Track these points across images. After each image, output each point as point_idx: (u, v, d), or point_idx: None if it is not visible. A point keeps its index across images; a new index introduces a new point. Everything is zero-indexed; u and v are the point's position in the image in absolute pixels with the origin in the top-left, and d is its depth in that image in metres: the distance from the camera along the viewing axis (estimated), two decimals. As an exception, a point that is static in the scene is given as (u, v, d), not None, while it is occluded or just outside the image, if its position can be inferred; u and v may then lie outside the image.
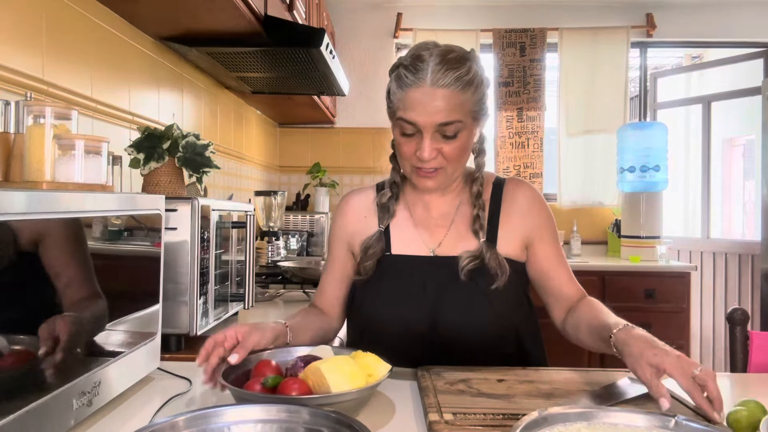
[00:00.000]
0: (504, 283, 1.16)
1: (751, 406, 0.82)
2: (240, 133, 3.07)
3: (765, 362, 1.33)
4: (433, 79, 1.09)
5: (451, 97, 1.09)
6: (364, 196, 1.32)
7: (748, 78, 3.91)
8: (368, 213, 1.28)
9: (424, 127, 1.10)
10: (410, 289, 1.19)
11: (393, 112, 1.17)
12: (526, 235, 1.24)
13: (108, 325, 0.93)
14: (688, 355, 3.39)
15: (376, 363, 0.96)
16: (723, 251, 3.88)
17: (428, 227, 1.24)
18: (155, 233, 1.10)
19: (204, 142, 1.50)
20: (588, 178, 3.92)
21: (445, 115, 1.09)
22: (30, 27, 1.33)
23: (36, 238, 0.74)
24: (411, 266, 1.21)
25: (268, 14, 1.89)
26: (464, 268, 1.16)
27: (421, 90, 1.09)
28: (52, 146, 0.94)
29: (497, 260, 1.17)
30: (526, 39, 3.90)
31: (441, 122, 1.10)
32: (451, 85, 1.09)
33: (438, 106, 1.09)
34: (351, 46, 3.98)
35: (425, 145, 1.11)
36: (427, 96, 1.09)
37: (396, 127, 1.17)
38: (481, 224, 1.20)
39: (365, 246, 1.23)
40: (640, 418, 0.78)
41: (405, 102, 1.12)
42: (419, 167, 1.15)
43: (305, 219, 3.44)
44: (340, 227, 1.31)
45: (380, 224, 1.24)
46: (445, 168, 1.15)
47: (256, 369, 0.98)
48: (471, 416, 0.86)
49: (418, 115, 1.10)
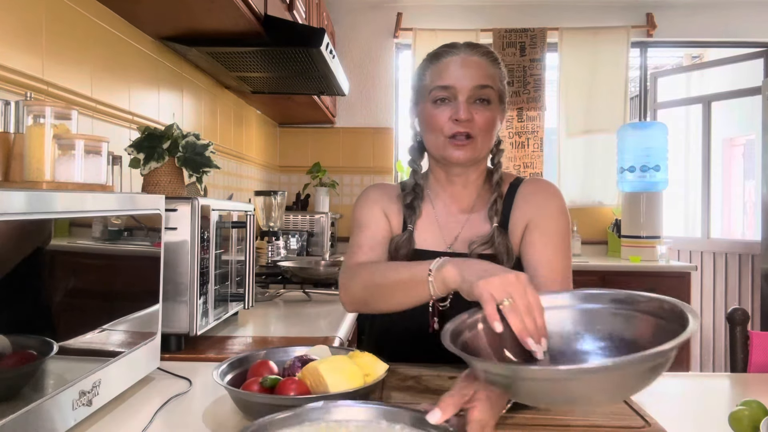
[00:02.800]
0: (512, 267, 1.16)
1: (753, 406, 0.82)
2: (240, 133, 3.07)
3: (765, 362, 1.33)
4: (467, 51, 1.21)
5: (485, 66, 1.20)
6: (389, 188, 1.35)
7: (748, 78, 3.91)
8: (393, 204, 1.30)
9: (461, 89, 1.18)
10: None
11: (425, 88, 1.22)
12: (527, 220, 1.23)
13: (108, 325, 0.93)
14: (688, 355, 3.40)
15: (374, 362, 0.96)
16: (723, 251, 3.88)
17: (447, 223, 1.28)
18: (155, 233, 1.10)
19: (204, 142, 1.50)
20: (588, 178, 3.92)
21: (480, 78, 1.18)
22: (30, 27, 1.33)
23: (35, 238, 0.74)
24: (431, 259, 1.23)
25: (268, 14, 1.89)
26: (474, 251, 1.20)
27: (457, 57, 1.20)
28: (52, 146, 0.94)
29: (506, 246, 1.21)
30: (526, 39, 3.90)
31: (477, 84, 1.18)
32: (484, 56, 1.21)
33: (473, 71, 1.19)
34: (351, 46, 3.98)
35: (461, 105, 1.17)
36: (464, 61, 1.19)
37: (427, 104, 1.21)
38: (497, 209, 1.24)
39: (396, 245, 1.26)
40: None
41: (441, 70, 1.20)
42: (452, 135, 1.18)
43: (305, 219, 3.44)
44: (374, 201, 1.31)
45: (408, 224, 1.27)
46: (475, 139, 1.19)
47: (252, 369, 0.98)
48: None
49: (455, 78, 1.18)
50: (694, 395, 1.17)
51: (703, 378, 1.61)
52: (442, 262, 0.97)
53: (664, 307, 0.76)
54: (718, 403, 1.11)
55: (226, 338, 1.46)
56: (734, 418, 0.83)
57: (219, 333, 1.49)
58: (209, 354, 1.32)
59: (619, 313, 0.79)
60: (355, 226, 1.30)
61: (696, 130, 4.32)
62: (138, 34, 1.85)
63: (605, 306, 0.80)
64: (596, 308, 0.81)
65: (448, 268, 0.94)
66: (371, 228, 1.28)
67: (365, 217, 1.29)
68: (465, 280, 0.89)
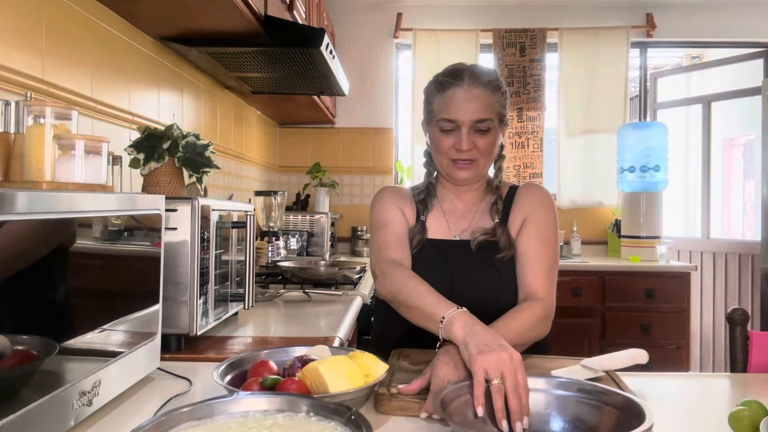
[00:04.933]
0: (511, 257, 1.35)
1: (753, 407, 0.82)
2: (240, 133, 3.07)
3: (765, 362, 1.33)
4: (470, 82, 1.31)
5: (485, 97, 1.31)
6: (401, 189, 1.49)
7: (748, 78, 3.91)
8: (406, 202, 1.45)
9: (463, 123, 1.31)
10: (435, 266, 1.36)
11: (433, 116, 1.36)
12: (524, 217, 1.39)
13: (108, 325, 0.93)
14: (688, 355, 3.40)
15: (374, 362, 0.97)
16: (723, 251, 3.88)
17: (454, 218, 1.44)
18: (155, 233, 1.10)
19: (204, 142, 1.50)
20: (588, 178, 3.92)
21: (480, 112, 1.30)
22: (30, 27, 1.33)
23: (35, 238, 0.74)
24: (439, 249, 1.40)
25: (268, 14, 1.89)
26: (476, 240, 1.36)
27: (460, 90, 1.31)
28: (52, 146, 0.94)
29: (507, 237, 1.36)
30: (526, 39, 3.90)
31: (477, 119, 1.30)
32: (485, 86, 1.32)
33: (474, 105, 1.30)
34: (351, 46, 3.98)
35: (464, 138, 1.31)
36: (467, 95, 1.31)
37: (435, 128, 1.36)
38: (498, 209, 1.40)
39: (411, 234, 1.40)
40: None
41: (446, 103, 1.32)
42: (456, 159, 1.34)
43: (305, 219, 3.44)
44: (390, 200, 1.44)
45: (421, 216, 1.42)
46: (478, 160, 1.34)
47: (253, 369, 0.97)
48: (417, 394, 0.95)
49: (458, 113, 1.31)
50: (694, 395, 1.17)
51: (703, 378, 1.61)
52: (453, 316, 1.06)
53: (625, 402, 0.84)
54: (718, 403, 1.11)
55: (226, 338, 1.46)
56: (734, 418, 0.83)
57: (219, 333, 1.49)
58: (209, 354, 1.32)
59: (587, 402, 0.88)
60: (378, 226, 1.42)
61: (696, 130, 4.32)
62: (138, 34, 1.85)
63: (575, 394, 0.89)
64: (567, 395, 0.90)
65: (456, 327, 1.04)
66: (393, 225, 1.41)
67: (385, 216, 1.42)
68: (466, 348, 0.97)
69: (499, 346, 0.95)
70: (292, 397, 0.81)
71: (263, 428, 0.73)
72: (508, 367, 0.90)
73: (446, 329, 1.06)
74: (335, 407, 0.76)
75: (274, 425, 0.74)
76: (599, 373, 1.09)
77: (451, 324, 1.04)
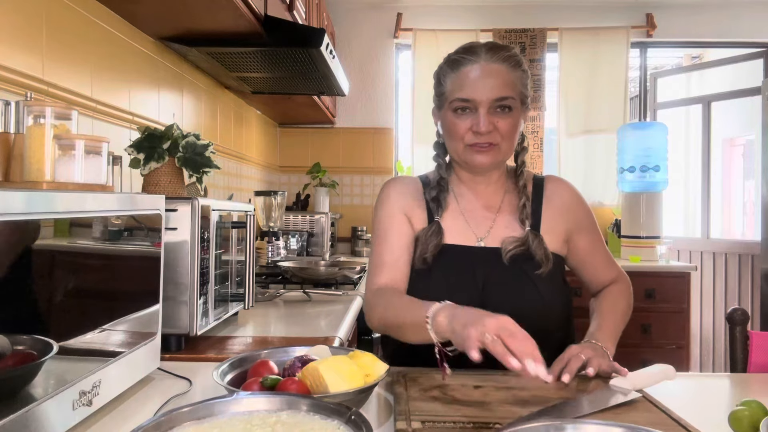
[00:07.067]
0: (549, 270, 1.22)
1: (752, 406, 0.82)
2: (240, 133, 3.07)
3: (765, 362, 1.33)
4: (487, 57, 1.18)
5: (505, 73, 1.18)
6: (410, 182, 1.34)
7: (748, 78, 3.91)
8: (415, 200, 1.30)
9: (481, 102, 1.17)
10: (460, 277, 1.22)
11: (445, 98, 1.22)
12: (568, 229, 1.30)
13: (108, 325, 0.93)
14: (688, 355, 3.40)
15: (374, 362, 0.96)
16: (723, 251, 3.88)
17: (475, 217, 1.28)
18: (155, 233, 1.10)
19: (204, 142, 1.50)
20: (588, 178, 3.92)
21: (500, 90, 1.17)
22: (30, 27, 1.33)
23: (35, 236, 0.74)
24: (462, 256, 1.24)
25: (268, 14, 1.89)
26: (508, 252, 1.21)
27: (477, 66, 1.18)
28: (52, 146, 0.94)
29: (542, 248, 1.22)
30: (526, 39, 3.90)
31: (498, 96, 1.17)
32: (504, 62, 1.19)
33: (493, 81, 1.17)
34: (351, 46, 3.98)
35: (481, 118, 1.17)
36: (484, 71, 1.17)
37: (448, 112, 1.22)
38: (527, 213, 1.25)
39: (423, 236, 1.25)
40: (612, 431, 0.71)
41: (461, 81, 1.19)
42: (474, 143, 1.19)
43: (305, 219, 3.44)
44: (395, 200, 1.30)
45: (436, 215, 1.27)
46: (499, 145, 1.20)
47: (253, 369, 0.98)
48: (440, 424, 0.84)
49: (474, 91, 1.17)
50: (694, 395, 1.17)
51: (703, 378, 1.61)
52: (436, 310, 0.97)
53: None
54: (718, 403, 1.11)
55: (226, 338, 1.46)
56: (734, 418, 0.83)
57: (219, 333, 1.49)
58: (209, 354, 1.31)
59: None
60: (377, 233, 1.29)
61: (696, 130, 4.32)
62: (138, 34, 1.85)
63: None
64: None
65: (440, 319, 0.95)
66: (392, 238, 1.26)
67: (386, 224, 1.28)
68: (453, 333, 0.91)
69: (484, 315, 0.88)
70: (292, 397, 0.81)
71: (267, 425, 0.74)
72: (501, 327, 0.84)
73: (434, 328, 0.96)
74: (335, 407, 0.76)
75: (277, 423, 0.74)
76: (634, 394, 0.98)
77: (436, 319, 0.96)
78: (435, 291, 1.20)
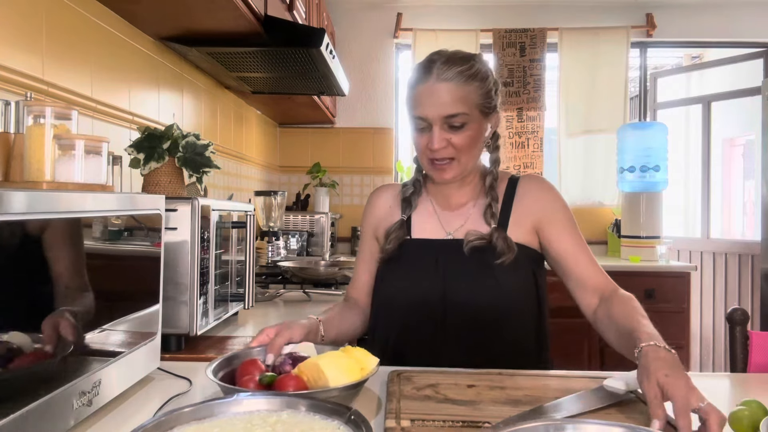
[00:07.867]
0: (511, 261, 1.24)
1: (752, 406, 0.82)
2: (240, 133, 3.07)
3: (765, 362, 1.33)
4: (439, 72, 1.21)
5: (455, 90, 1.20)
6: (392, 189, 1.43)
7: (748, 78, 3.91)
8: (393, 204, 1.39)
9: (433, 119, 1.21)
10: (424, 264, 1.29)
11: (409, 113, 1.28)
12: (536, 219, 1.30)
13: (108, 325, 0.93)
14: (688, 355, 3.40)
15: (366, 356, 1.00)
16: (723, 251, 3.88)
17: (447, 216, 1.35)
18: (155, 233, 1.10)
19: (204, 142, 1.50)
20: (588, 178, 3.92)
21: (449, 107, 1.20)
22: (30, 27, 1.33)
23: (37, 235, 0.74)
24: (427, 247, 1.32)
25: (268, 14, 1.89)
26: (469, 243, 1.26)
27: (426, 85, 1.21)
28: (52, 146, 0.94)
29: (505, 240, 1.25)
30: (526, 39, 3.90)
31: (447, 114, 1.20)
32: (454, 78, 1.20)
33: (442, 99, 1.20)
34: (351, 46, 3.97)
35: (434, 135, 1.21)
36: (433, 90, 1.20)
37: (412, 125, 1.27)
38: (493, 213, 1.29)
39: (388, 232, 1.34)
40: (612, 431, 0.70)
41: (415, 99, 1.24)
42: (432, 159, 1.25)
43: (305, 219, 3.44)
44: (368, 218, 1.42)
45: (403, 214, 1.35)
46: (457, 158, 1.24)
47: (242, 368, 0.98)
48: (429, 423, 0.84)
49: (425, 109, 1.21)
50: (694, 395, 1.16)
51: (703, 378, 1.61)
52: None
53: None
54: (718, 403, 1.10)
55: (226, 338, 1.46)
56: (734, 418, 0.82)
57: (219, 333, 1.49)
58: (209, 354, 1.31)
59: None
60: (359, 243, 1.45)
61: (696, 130, 4.32)
62: (138, 34, 1.85)
63: None
64: None
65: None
66: (364, 252, 1.41)
67: (362, 236, 1.44)
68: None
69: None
70: (292, 397, 0.81)
71: (267, 425, 0.74)
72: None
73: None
74: (334, 407, 0.76)
75: (277, 423, 0.74)
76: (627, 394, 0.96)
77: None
78: (400, 277, 1.31)
